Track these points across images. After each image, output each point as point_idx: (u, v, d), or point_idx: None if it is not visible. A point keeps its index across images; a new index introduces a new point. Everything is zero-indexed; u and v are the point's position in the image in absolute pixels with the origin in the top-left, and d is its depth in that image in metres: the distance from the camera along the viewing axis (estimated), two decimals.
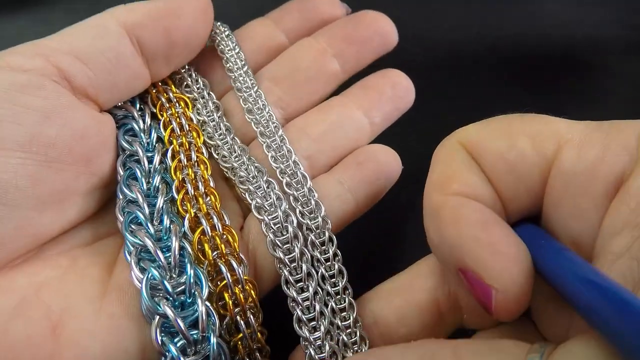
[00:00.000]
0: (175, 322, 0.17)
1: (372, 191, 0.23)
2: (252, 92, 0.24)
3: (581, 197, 0.16)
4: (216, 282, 0.19)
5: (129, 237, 0.19)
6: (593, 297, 0.13)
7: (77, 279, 0.18)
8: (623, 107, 0.33)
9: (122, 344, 0.17)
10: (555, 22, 0.37)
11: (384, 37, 0.26)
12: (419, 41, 0.36)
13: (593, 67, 0.35)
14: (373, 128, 0.25)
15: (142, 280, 0.18)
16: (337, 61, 0.25)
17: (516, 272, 0.15)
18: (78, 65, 0.19)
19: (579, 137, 0.16)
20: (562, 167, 0.16)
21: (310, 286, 0.20)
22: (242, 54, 0.25)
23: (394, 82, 0.25)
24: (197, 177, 0.21)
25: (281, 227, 0.21)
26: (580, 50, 0.36)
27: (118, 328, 0.18)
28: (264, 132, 0.23)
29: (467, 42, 0.36)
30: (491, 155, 0.17)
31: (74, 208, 0.19)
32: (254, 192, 0.22)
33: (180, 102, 0.23)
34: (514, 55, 0.36)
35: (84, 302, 0.18)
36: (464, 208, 0.17)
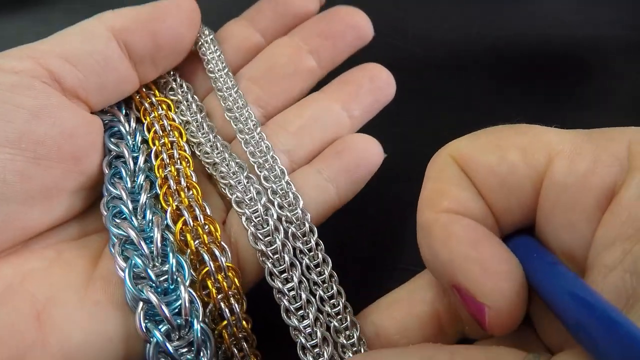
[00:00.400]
0: (159, 307, 0.17)
1: (353, 179, 0.23)
2: (232, 92, 0.25)
3: (573, 210, 0.16)
4: (200, 271, 0.20)
5: (113, 229, 0.19)
6: (580, 313, 0.13)
7: (62, 270, 0.19)
8: (623, 107, 0.33)
9: (105, 331, 0.18)
10: (555, 22, 0.37)
11: (357, 31, 0.26)
12: (419, 41, 0.36)
13: (593, 67, 0.35)
14: (353, 121, 0.25)
15: (125, 269, 0.18)
16: (312, 57, 0.26)
17: (508, 289, 0.15)
18: (68, 67, 0.20)
19: (569, 148, 0.16)
20: (553, 179, 0.16)
21: (295, 276, 0.21)
22: (222, 56, 0.25)
23: (372, 75, 0.25)
24: (179, 173, 0.22)
25: (262, 220, 0.21)
26: (580, 51, 0.36)
27: (102, 316, 0.18)
28: (243, 129, 0.24)
29: (467, 42, 0.36)
30: (482, 169, 0.17)
31: (61, 205, 0.20)
32: (234, 187, 0.22)
33: (163, 105, 0.24)
34: (514, 55, 0.36)
35: (68, 291, 0.18)
36: (455, 225, 0.17)
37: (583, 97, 0.34)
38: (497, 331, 0.16)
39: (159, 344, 0.17)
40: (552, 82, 0.34)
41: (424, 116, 0.33)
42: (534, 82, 0.34)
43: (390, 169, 0.27)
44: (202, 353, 0.18)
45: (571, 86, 0.34)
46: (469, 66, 0.35)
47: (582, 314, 0.13)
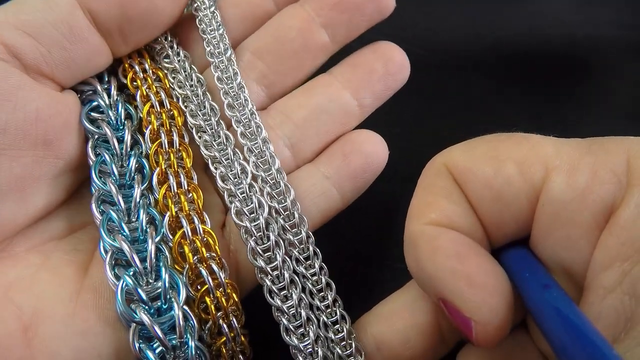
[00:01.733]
0: (152, 329, 0.17)
1: (358, 185, 0.22)
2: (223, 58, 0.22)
3: (571, 227, 0.15)
4: (196, 285, 0.19)
5: (107, 239, 0.18)
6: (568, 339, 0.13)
7: (50, 278, 0.18)
8: (623, 107, 0.33)
9: (95, 348, 0.17)
10: (555, 22, 0.37)
11: (378, 3, 0.23)
12: (419, 41, 0.36)
13: (593, 67, 0.35)
14: (362, 110, 0.23)
15: (117, 287, 0.17)
16: (325, 31, 0.23)
17: (494, 303, 0.15)
18: (27, 40, 0.18)
19: (567, 162, 0.16)
20: (550, 195, 0.16)
21: (294, 294, 0.20)
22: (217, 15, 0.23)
23: (386, 57, 0.23)
24: (179, 170, 0.20)
25: (263, 235, 0.20)
26: (580, 51, 0.36)
27: (92, 332, 0.17)
28: (233, 104, 0.22)
29: (467, 42, 0.36)
30: (477, 181, 0.17)
31: (39, 195, 0.18)
32: (234, 195, 0.20)
33: (158, 72, 0.22)
34: (513, 55, 0.36)
35: (56, 304, 0.17)
36: (440, 238, 0.16)
37: (583, 97, 0.33)
38: (483, 344, 0.16)
39: None
40: (552, 82, 0.34)
41: (424, 116, 0.33)
42: (534, 82, 0.34)
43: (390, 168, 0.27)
44: None
45: (571, 86, 0.34)
46: (469, 66, 0.35)
47: (569, 341, 0.13)
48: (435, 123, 0.32)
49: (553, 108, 0.33)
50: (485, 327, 0.15)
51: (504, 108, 0.33)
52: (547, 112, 0.33)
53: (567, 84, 0.34)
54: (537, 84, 0.34)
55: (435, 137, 0.32)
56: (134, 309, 0.17)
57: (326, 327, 0.20)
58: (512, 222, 0.17)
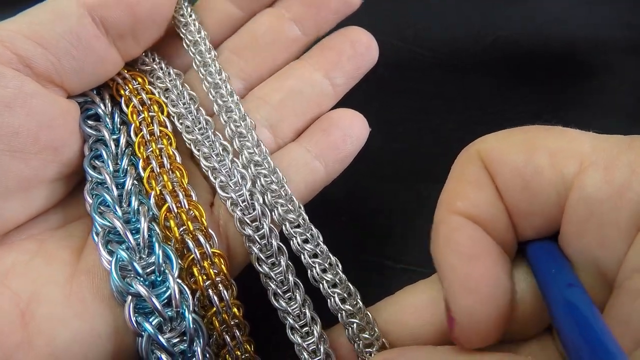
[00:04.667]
0: (150, 299, 0.17)
1: (340, 156, 0.23)
2: (211, 68, 0.23)
3: (606, 226, 0.15)
4: (185, 258, 0.19)
5: (98, 219, 0.19)
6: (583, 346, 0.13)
7: (45, 263, 0.18)
8: (623, 107, 0.33)
9: (93, 328, 0.17)
10: (555, 21, 0.37)
11: None
12: (419, 41, 0.36)
13: (593, 67, 0.35)
14: (336, 90, 0.24)
15: (110, 262, 0.18)
16: (295, 25, 0.24)
17: (481, 312, 0.15)
18: (39, 51, 0.19)
19: (604, 159, 0.15)
20: (585, 191, 0.15)
21: (282, 261, 0.20)
22: (198, 25, 0.24)
23: (352, 39, 0.24)
24: (162, 153, 0.21)
25: (248, 205, 0.21)
26: (581, 50, 0.36)
27: (89, 312, 0.17)
28: (222, 106, 0.23)
29: (467, 41, 0.36)
30: (507, 169, 0.16)
31: (41, 195, 0.19)
32: (218, 171, 0.21)
33: (137, 78, 0.23)
34: (514, 54, 0.36)
35: (52, 287, 0.18)
36: (459, 232, 0.16)
37: (583, 97, 0.33)
38: (461, 344, 0.16)
39: (151, 337, 0.17)
40: (552, 82, 0.34)
41: (424, 116, 0.33)
42: (534, 82, 0.34)
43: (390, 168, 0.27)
44: (195, 343, 0.18)
45: (571, 86, 0.34)
46: (469, 66, 0.35)
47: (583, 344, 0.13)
48: (435, 123, 0.32)
49: (553, 108, 0.33)
50: (464, 330, 0.16)
51: (504, 108, 0.33)
52: (547, 112, 0.33)
53: (567, 84, 0.34)
54: (537, 84, 0.34)
55: (436, 137, 0.32)
56: (129, 282, 0.17)
57: None
58: (540, 215, 0.16)
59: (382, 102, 0.29)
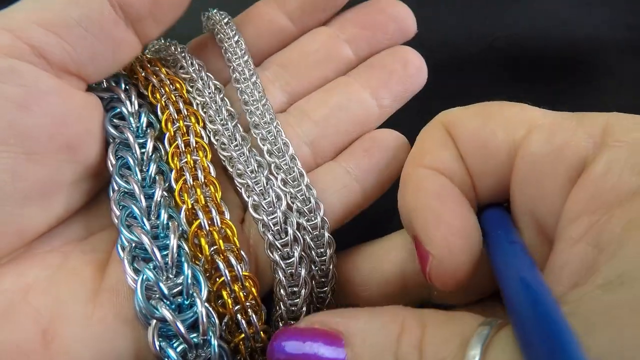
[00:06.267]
0: (175, 325, 0.16)
1: (381, 180, 0.22)
2: (249, 83, 0.22)
3: (546, 180, 0.16)
4: (214, 279, 0.18)
5: (125, 232, 0.17)
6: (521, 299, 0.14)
7: (68, 280, 0.17)
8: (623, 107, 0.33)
9: (115, 349, 0.17)
10: (555, 22, 0.37)
11: (400, 24, 0.24)
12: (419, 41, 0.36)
13: (593, 67, 0.35)
14: (382, 110, 0.23)
15: (136, 282, 0.17)
16: (349, 46, 0.24)
17: (455, 244, 0.16)
18: (52, 39, 0.17)
19: (549, 124, 0.17)
20: (529, 150, 0.16)
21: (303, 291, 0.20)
22: (242, 43, 0.23)
23: (405, 60, 0.24)
24: (196, 165, 0.20)
25: (280, 229, 0.20)
26: (580, 50, 0.36)
27: (111, 333, 0.17)
28: (259, 123, 0.22)
29: (467, 42, 0.36)
30: (465, 132, 0.18)
31: (60, 201, 0.18)
32: (251, 189, 0.20)
33: (175, 83, 0.22)
34: (514, 55, 0.36)
35: (75, 305, 0.17)
36: (427, 179, 0.18)
37: (583, 97, 0.33)
38: (436, 282, 0.16)
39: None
40: (552, 82, 0.34)
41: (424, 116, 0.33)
42: (534, 82, 0.34)
43: None
44: None
45: (571, 86, 0.34)
46: (469, 66, 0.35)
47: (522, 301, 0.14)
48: None
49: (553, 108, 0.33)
50: (440, 264, 0.16)
51: None
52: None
53: (566, 84, 0.34)
54: (537, 84, 0.34)
55: None
56: (155, 305, 0.16)
57: None
58: (493, 175, 0.18)
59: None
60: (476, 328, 0.13)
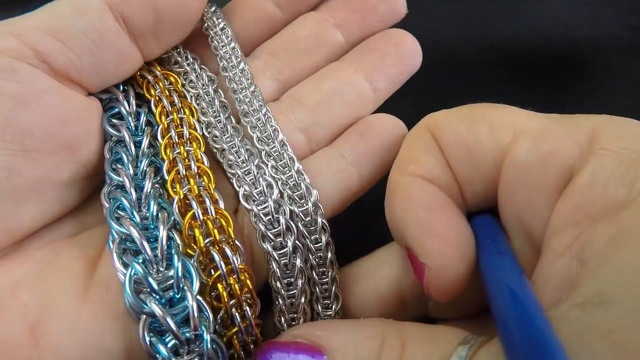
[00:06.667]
0: (164, 320, 0.16)
1: (378, 164, 0.22)
2: (237, 71, 0.22)
3: (533, 190, 0.16)
4: (209, 271, 0.18)
5: (114, 225, 0.17)
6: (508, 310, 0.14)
7: (57, 275, 0.17)
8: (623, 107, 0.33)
9: (105, 344, 0.17)
10: (555, 22, 0.37)
11: (390, 5, 0.24)
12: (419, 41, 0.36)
13: (593, 67, 0.35)
14: (377, 94, 0.23)
15: (125, 276, 0.16)
16: (339, 31, 0.24)
17: (451, 255, 0.16)
18: (58, 46, 0.18)
19: (535, 129, 0.16)
20: (515, 158, 0.16)
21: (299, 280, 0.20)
22: (228, 31, 0.23)
23: (397, 42, 0.23)
24: (189, 156, 0.20)
25: (272, 219, 0.19)
26: (581, 50, 0.36)
27: (100, 328, 0.17)
28: (247, 111, 0.22)
29: (467, 42, 0.36)
30: (451, 138, 0.17)
31: (56, 199, 0.18)
32: (242, 179, 0.20)
33: (170, 77, 0.22)
34: (514, 55, 0.36)
35: (64, 301, 0.17)
36: (415, 189, 0.17)
37: (583, 97, 0.33)
38: (434, 294, 0.16)
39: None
40: (552, 82, 0.34)
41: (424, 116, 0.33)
42: (534, 82, 0.34)
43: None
44: None
45: (571, 86, 0.34)
46: (469, 66, 0.35)
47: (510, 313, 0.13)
48: None
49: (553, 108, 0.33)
50: (438, 275, 0.16)
51: None
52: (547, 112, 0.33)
53: (567, 84, 0.34)
54: (537, 84, 0.34)
55: None
56: (144, 299, 0.16)
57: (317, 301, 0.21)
58: (480, 182, 0.17)
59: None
60: (455, 347, 0.13)
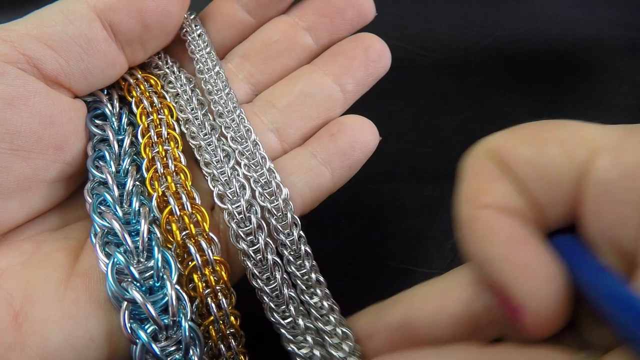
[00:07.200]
0: (145, 307, 0.17)
1: (348, 162, 0.22)
2: (212, 74, 0.23)
3: (622, 206, 0.15)
4: (186, 263, 0.19)
5: (97, 219, 0.18)
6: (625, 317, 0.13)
7: (41, 265, 0.18)
8: (623, 107, 0.33)
9: (86, 331, 0.17)
10: (555, 22, 0.37)
11: (358, 9, 0.24)
12: (419, 41, 0.36)
13: (593, 67, 0.35)
14: (346, 96, 0.23)
15: (107, 265, 0.17)
16: (309, 34, 0.24)
17: (547, 293, 0.15)
18: (48, 52, 0.19)
19: (612, 143, 0.15)
20: (598, 175, 0.15)
21: (277, 275, 0.20)
22: (204, 36, 0.24)
23: (365, 45, 0.24)
24: (167, 155, 0.21)
25: (244, 217, 0.20)
26: (581, 50, 0.36)
27: (83, 315, 0.17)
28: (222, 112, 0.22)
29: (467, 42, 0.36)
30: (520, 162, 0.16)
31: (41, 196, 0.19)
32: (217, 179, 0.21)
33: (150, 80, 0.23)
34: (514, 55, 0.36)
35: (47, 289, 0.17)
36: (494, 223, 0.16)
37: (583, 97, 0.34)
38: (534, 334, 0.15)
39: (145, 345, 0.17)
40: (552, 82, 0.34)
41: (424, 116, 0.33)
42: (534, 82, 0.34)
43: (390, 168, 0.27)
44: (191, 352, 0.18)
45: (571, 86, 0.34)
46: (469, 66, 0.35)
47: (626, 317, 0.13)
48: (435, 123, 0.32)
49: (553, 108, 0.33)
50: (538, 315, 0.15)
51: (504, 108, 0.33)
52: (547, 112, 0.33)
53: (567, 84, 0.34)
54: (537, 84, 0.34)
55: (436, 137, 0.32)
56: (126, 287, 0.17)
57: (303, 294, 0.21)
58: (560, 203, 0.16)
59: (382, 102, 0.29)
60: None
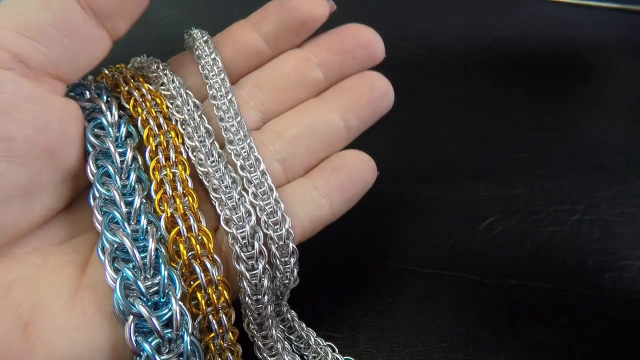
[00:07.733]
0: (150, 321, 0.17)
1: (347, 197, 0.23)
2: (225, 100, 0.23)
3: None
4: (189, 282, 0.20)
5: (108, 235, 0.18)
6: None
7: (49, 277, 0.18)
8: (623, 107, 0.33)
9: (93, 342, 0.17)
10: (555, 22, 0.37)
11: (368, 50, 0.25)
12: (419, 41, 0.36)
13: (594, 68, 0.35)
14: (349, 132, 0.25)
15: (115, 280, 0.18)
16: (320, 69, 0.25)
17: None
18: (29, 44, 0.18)
19: None
20: None
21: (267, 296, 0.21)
22: (218, 61, 0.24)
23: (372, 84, 0.25)
24: (175, 178, 0.21)
25: (247, 243, 0.21)
26: (581, 51, 0.36)
27: (90, 326, 0.18)
28: (233, 139, 0.23)
29: (467, 42, 0.36)
30: None
31: (41, 202, 0.19)
32: (224, 204, 0.21)
33: (156, 98, 0.23)
34: (514, 55, 0.36)
35: (55, 300, 0.18)
36: None
37: (583, 97, 0.34)
38: None
39: (149, 357, 0.17)
40: (552, 82, 0.34)
41: (424, 116, 0.33)
42: (534, 82, 0.34)
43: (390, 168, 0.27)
44: None
45: (571, 86, 0.34)
46: (469, 66, 0.35)
47: None
48: (435, 123, 0.32)
49: (553, 108, 0.33)
50: None
51: (504, 108, 0.33)
52: (547, 112, 0.33)
53: (567, 84, 0.34)
54: (538, 84, 0.34)
55: (435, 137, 0.32)
56: (132, 302, 0.18)
57: None
58: None
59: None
60: None
